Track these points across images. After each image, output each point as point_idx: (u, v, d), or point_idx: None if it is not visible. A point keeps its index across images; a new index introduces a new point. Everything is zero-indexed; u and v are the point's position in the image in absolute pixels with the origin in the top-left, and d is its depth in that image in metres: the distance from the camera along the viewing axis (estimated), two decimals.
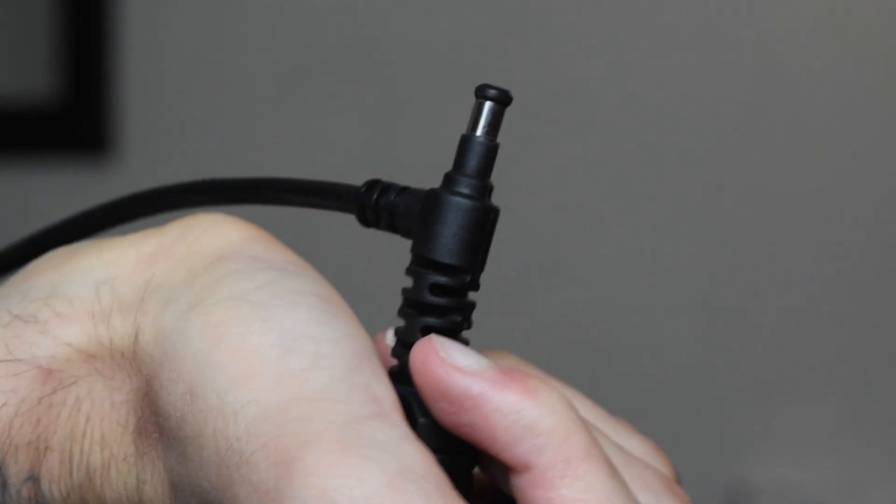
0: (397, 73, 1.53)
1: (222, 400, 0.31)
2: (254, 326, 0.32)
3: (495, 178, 0.35)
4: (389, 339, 0.35)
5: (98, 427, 0.34)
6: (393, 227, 0.35)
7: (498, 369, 0.32)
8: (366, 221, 0.36)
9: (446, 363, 0.32)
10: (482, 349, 0.35)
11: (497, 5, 1.51)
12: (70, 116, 1.61)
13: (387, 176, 0.38)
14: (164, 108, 1.60)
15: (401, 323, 0.34)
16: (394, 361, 0.34)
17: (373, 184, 0.36)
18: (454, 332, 0.34)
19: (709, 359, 1.47)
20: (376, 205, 0.35)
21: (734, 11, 1.47)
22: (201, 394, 0.32)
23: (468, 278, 0.34)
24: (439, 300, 0.34)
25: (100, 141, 1.60)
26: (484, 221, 0.34)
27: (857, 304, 1.44)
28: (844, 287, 1.45)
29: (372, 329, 0.36)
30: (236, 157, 1.58)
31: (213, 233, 0.36)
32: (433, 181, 0.35)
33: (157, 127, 1.60)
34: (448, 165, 0.35)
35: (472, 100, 0.34)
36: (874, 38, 1.44)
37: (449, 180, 0.34)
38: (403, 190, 0.35)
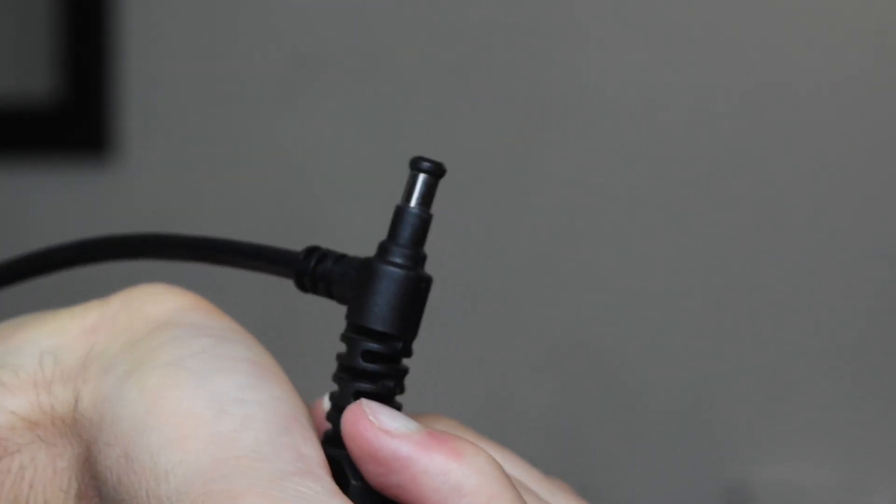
0: (398, 73, 1.53)
1: (155, 461, 0.33)
2: (187, 391, 0.34)
3: (499, 177, 0.35)
4: (326, 404, 0.36)
5: (41, 494, 0.35)
6: (329, 294, 0.36)
7: (426, 432, 0.33)
8: (303, 287, 0.37)
9: (375, 427, 0.33)
10: (423, 410, 0.36)
11: (498, 5, 1.51)
12: (70, 117, 1.61)
13: (388, 176, 0.39)
14: (164, 108, 1.60)
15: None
16: (329, 426, 0.35)
17: (311, 251, 0.37)
18: (386, 397, 0.35)
19: (708, 359, 1.47)
20: (314, 272, 0.36)
21: (736, 13, 1.47)
22: (136, 456, 0.33)
23: (400, 345, 0.35)
24: (372, 366, 0.35)
25: (100, 141, 1.60)
26: (416, 290, 0.35)
27: (857, 305, 1.44)
28: (844, 287, 1.44)
29: (312, 392, 0.37)
30: (236, 158, 1.58)
31: (153, 302, 0.37)
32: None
33: (157, 127, 1.60)
34: (447, 168, 0.36)
35: (474, 102, 0.35)
36: (876, 38, 1.44)
37: (383, 250, 0.35)
38: (341, 258, 0.36)
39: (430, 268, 0.36)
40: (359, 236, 1.57)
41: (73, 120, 1.61)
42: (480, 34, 1.51)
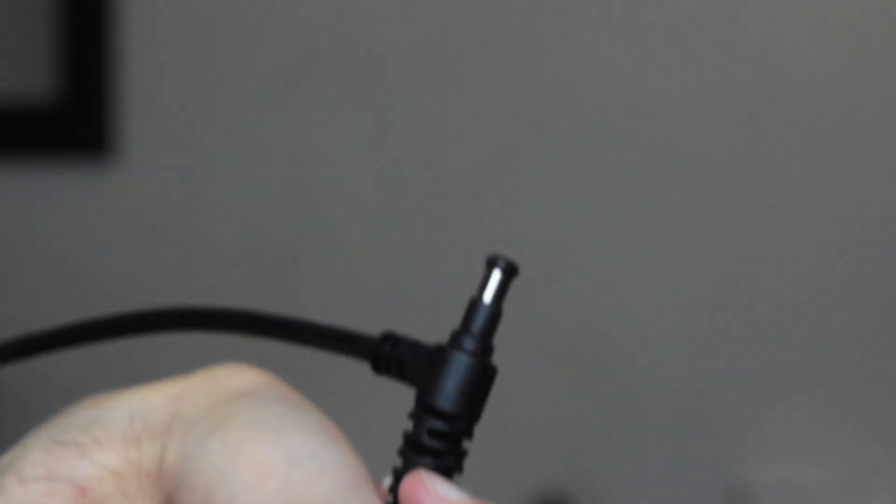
0: (397, 73, 1.53)
1: (233, 502, 0.36)
2: (266, 445, 0.37)
3: (499, 177, 0.35)
4: (387, 484, 0.39)
5: None
6: (401, 376, 0.39)
7: (476, 501, 0.37)
8: (378, 369, 0.40)
9: (431, 493, 0.37)
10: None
11: (498, 5, 1.51)
12: (70, 117, 1.61)
13: (387, 175, 0.39)
14: (164, 108, 1.60)
15: (398, 463, 0.38)
16: (390, 498, 0.38)
17: (387, 336, 0.40)
18: (446, 473, 0.38)
19: (708, 359, 1.47)
20: (389, 355, 0.40)
21: (736, 13, 1.47)
22: (215, 498, 0.36)
23: (464, 426, 0.38)
24: (436, 443, 0.38)
25: (100, 141, 1.60)
26: (483, 377, 0.38)
27: (856, 304, 1.44)
28: (844, 287, 1.45)
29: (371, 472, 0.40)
30: (236, 158, 1.58)
31: (234, 377, 0.41)
32: (430, 178, 0.35)
33: (157, 127, 1.60)
34: (444, 165, 0.36)
35: (473, 101, 0.35)
36: (876, 37, 1.44)
37: (455, 339, 0.38)
38: (414, 344, 0.39)
39: (430, 270, 0.37)
40: (358, 236, 1.57)
41: (73, 120, 1.61)
42: (480, 34, 1.51)
